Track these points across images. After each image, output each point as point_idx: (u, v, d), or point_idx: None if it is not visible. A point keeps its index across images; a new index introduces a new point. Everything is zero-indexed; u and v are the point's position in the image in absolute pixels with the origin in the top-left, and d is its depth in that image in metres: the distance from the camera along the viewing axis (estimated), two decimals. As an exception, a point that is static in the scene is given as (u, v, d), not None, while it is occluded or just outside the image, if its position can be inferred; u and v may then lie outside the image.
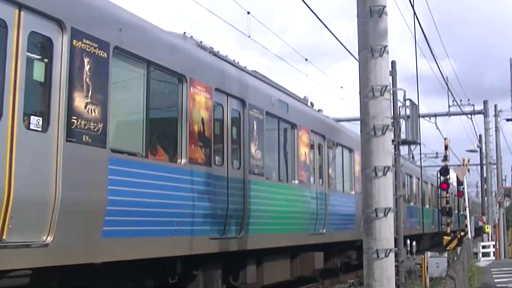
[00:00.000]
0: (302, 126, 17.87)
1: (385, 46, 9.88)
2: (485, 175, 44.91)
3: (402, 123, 21.31)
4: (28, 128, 8.42)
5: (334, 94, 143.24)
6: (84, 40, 9.36)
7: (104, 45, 9.78)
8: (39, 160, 8.54)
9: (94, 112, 9.47)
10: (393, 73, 20.49)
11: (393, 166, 17.17)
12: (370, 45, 9.84)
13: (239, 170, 14.10)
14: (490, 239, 41.61)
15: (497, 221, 44.50)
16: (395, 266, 14.64)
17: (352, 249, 22.94)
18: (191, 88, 12.16)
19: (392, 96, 19.58)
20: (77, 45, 9.22)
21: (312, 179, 18.63)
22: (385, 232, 9.69)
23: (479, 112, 41.35)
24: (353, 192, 22.48)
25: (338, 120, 27.67)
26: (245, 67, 15.98)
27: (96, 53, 9.60)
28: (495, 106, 45.76)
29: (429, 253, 22.38)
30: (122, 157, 10.21)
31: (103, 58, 9.76)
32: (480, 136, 45.11)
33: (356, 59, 10.39)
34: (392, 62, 20.88)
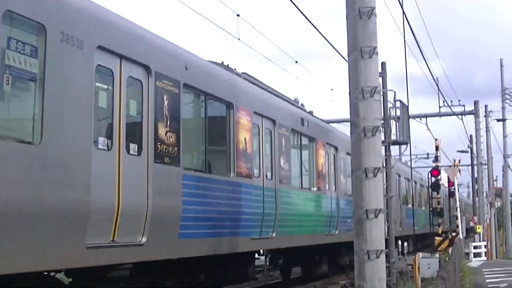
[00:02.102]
0: (319, 140, 19.93)
1: (375, 48, 9.90)
2: (476, 175, 44.99)
3: (393, 124, 21.31)
4: (128, 153, 10.41)
5: (324, 95, 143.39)
6: (163, 80, 11.36)
7: (176, 83, 11.78)
8: (137, 178, 10.57)
9: (171, 138, 11.50)
10: (383, 74, 20.50)
11: (383, 167, 17.18)
12: (359, 47, 9.86)
13: (271, 180, 16.08)
14: (481, 239, 41.71)
15: (488, 222, 44.62)
16: (387, 267, 14.67)
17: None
18: (237, 113, 14.22)
19: (382, 97, 19.59)
20: (159, 85, 11.19)
21: (327, 186, 20.66)
22: (376, 233, 9.70)
23: (469, 113, 41.37)
24: None
25: (328, 122, 27.67)
26: (275, 90, 18.39)
27: (172, 90, 11.62)
28: (486, 106, 45.91)
29: (420, 254, 22.42)
30: (191, 173, 12.34)
31: (176, 93, 11.77)
32: (471, 136, 45.18)
33: (345, 60, 10.40)
34: (382, 63, 20.86)
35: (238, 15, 18.16)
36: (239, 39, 18.37)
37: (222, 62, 15.44)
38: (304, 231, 18.38)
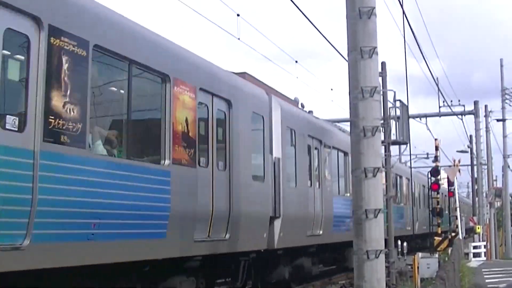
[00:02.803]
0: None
1: (375, 48, 9.88)
2: (476, 175, 44.96)
3: (393, 124, 21.32)
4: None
5: (324, 95, 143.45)
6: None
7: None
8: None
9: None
10: (383, 74, 20.51)
11: (383, 167, 17.17)
12: (359, 47, 9.84)
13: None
14: (481, 239, 41.69)
15: (488, 222, 44.59)
16: (386, 267, 14.67)
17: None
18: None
19: (382, 97, 19.59)
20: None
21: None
22: (375, 233, 9.69)
23: (469, 113, 41.34)
24: None
25: (328, 121, 27.67)
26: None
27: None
28: (486, 106, 45.85)
29: (420, 254, 22.42)
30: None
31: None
32: (470, 136, 45.16)
33: (345, 59, 10.39)
34: (382, 63, 20.89)
35: (238, 15, 18.16)
36: (239, 39, 18.38)
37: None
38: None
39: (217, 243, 13.53)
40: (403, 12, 15.67)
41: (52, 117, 8.79)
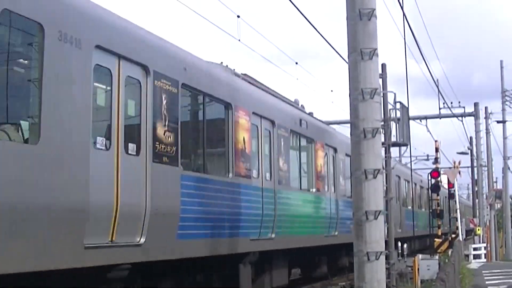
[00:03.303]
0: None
1: (375, 49, 9.88)
2: (476, 177, 44.91)
3: (393, 125, 21.29)
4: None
5: (324, 96, 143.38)
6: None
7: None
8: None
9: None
10: (383, 75, 20.48)
11: (383, 168, 17.16)
12: (359, 48, 9.84)
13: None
14: (481, 241, 41.66)
15: (488, 223, 44.55)
16: (386, 268, 14.64)
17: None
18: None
19: (382, 98, 19.57)
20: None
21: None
22: (376, 234, 9.69)
23: (469, 115, 41.28)
24: None
25: (328, 123, 27.67)
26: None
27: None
28: (486, 108, 45.80)
29: (420, 256, 22.40)
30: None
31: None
32: (471, 138, 45.11)
33: (345, 61, 10.39)
34: (382, 64, 20.84)
35: (238, 16, 18.17)
36: (239, 40, 18.39)
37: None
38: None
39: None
40: (404, 15, 15.69)
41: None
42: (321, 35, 15.98)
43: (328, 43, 16.49)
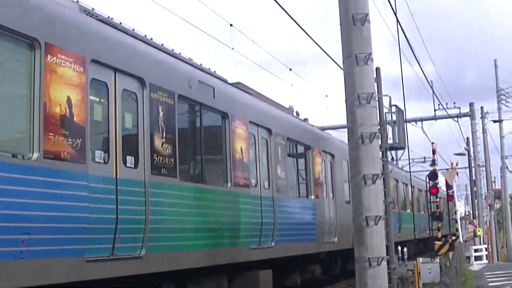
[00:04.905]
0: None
1: (370, 54, 9.85)
2: (474, 178, 44.83)
3: (389, 129, 21.25)
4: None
5: (318, 102, 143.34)
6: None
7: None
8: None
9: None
10: (377, 80, 20.43)
11: (382, 173, 17.09)
12: (354, 53, 9.81)
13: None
14: (481, 242, 41.57)
15: (488, 224, 44.48)
16: (387, 273, 14.57)
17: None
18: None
19: (378, 102, 19.52)
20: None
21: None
22: (376, 240, 9.63)
23: (465, 115, 41.19)
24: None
25: (324, 129, 27.62)
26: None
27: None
28: (482, 108, 45.75)
29: (421, 259, 22.33)
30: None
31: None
32: (467, 139, 45.05)
33: (339, 66, 10.36)
34: (376, 68, 20.80)
35: (231, 25, 18.13)
36: (233, 48, 18.37)
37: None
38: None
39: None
40: (397, 20, 15.65)
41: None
42: (314, 41, 15.93)
43: (322, 49, 16.45)
